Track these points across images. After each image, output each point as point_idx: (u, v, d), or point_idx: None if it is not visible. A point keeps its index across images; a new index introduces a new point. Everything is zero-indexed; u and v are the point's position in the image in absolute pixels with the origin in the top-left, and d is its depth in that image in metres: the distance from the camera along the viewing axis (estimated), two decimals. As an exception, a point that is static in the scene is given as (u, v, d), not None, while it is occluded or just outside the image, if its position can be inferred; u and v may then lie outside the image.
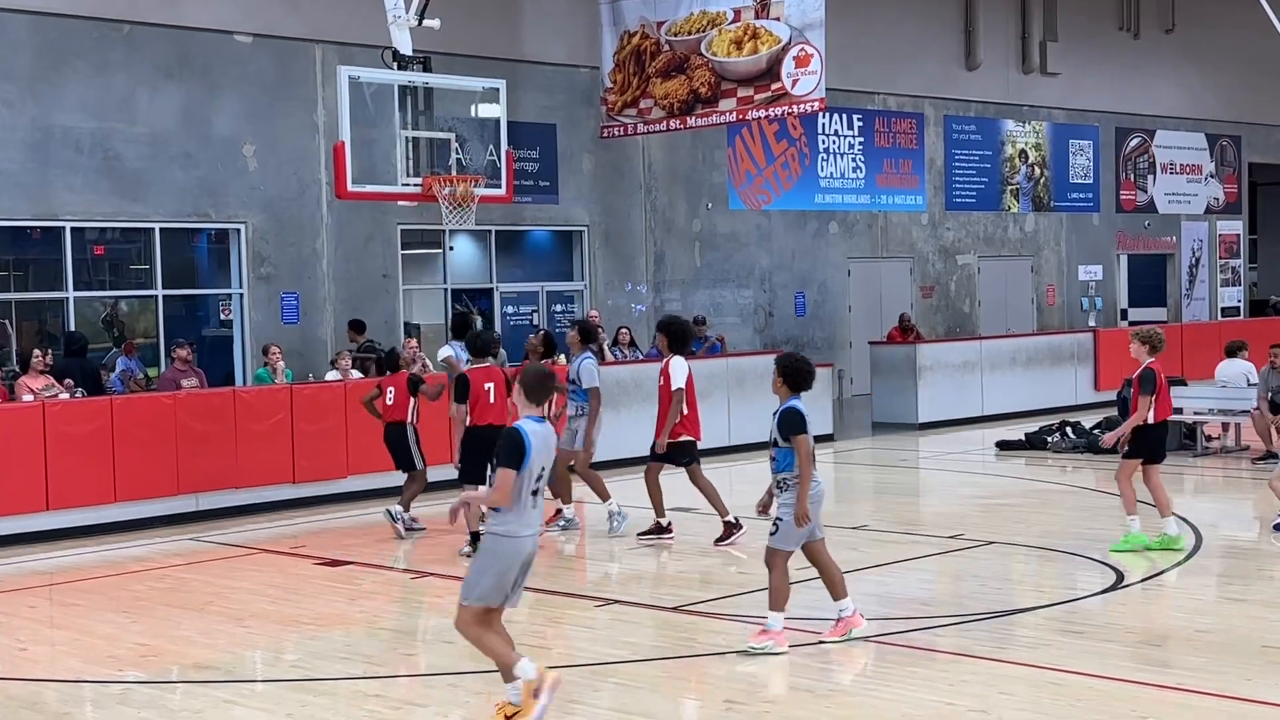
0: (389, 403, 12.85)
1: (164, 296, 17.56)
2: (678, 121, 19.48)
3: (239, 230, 17.81)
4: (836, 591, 8.36)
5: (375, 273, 18.93)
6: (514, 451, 6.48)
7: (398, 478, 15.13)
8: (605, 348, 18.55)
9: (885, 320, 24.07)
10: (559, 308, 21.40)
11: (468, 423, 11.29)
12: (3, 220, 16.27)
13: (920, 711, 6.96)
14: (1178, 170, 30.40)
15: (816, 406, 19.48)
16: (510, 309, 20.96)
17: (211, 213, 17.61)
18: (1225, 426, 16.90)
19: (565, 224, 21.16)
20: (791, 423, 8.09)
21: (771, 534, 8.21)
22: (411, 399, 12.78)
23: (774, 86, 18.21)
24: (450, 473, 12.13)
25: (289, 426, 14.24)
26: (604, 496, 12.26)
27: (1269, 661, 7.70)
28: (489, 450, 10.15)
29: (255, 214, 17.81)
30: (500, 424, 10.57)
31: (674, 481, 12.07)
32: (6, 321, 16.77)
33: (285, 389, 14.76)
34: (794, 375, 8.23)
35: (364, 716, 7.25)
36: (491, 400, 11.22)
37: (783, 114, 19.07)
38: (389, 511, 12.60)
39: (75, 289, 16.80)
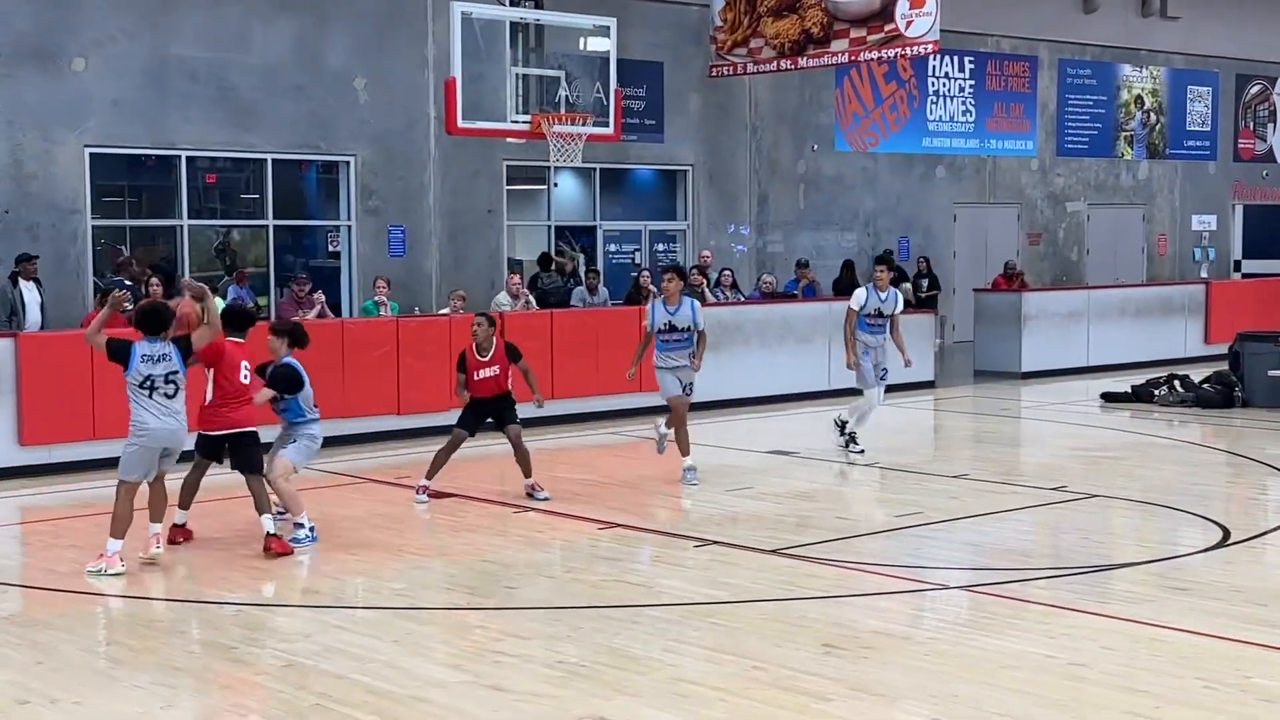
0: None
1: (274, 227, 17.85)
2: (788, 62, 19.30)
3: (348, 163, 18.02)
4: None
5: (480, 208, 19.06)
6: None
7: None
8: (707, 289, 18.55)
9: (991, 267, 23.77)
10: (661, 247, 21.42)
11: None
12: (120, 148, 16.61)
13: (1018, 663, 6.96)
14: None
15: (916, 349, 19.49)
16: (613, 247, 21.01)
17: (322, 145, 17.83)
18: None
19: (670, 163, 21.12)
20: None
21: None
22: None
23: (888, 28, 17.95)
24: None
25: (395, 359, 14.45)
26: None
27: (1378, 626, 7.58)
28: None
29: (364, 147, 18.00)
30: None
31: (785, 424, 12.09)
32: (122, 247, 17.17)
33: (391, 321, 14.97)
34: None
35: (467, 646, 7.40)
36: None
37: (895, 56, 18.81)
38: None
39: (189, 217, 17.14)
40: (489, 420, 11.45)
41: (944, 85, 23.80)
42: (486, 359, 11.34)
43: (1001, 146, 24.83)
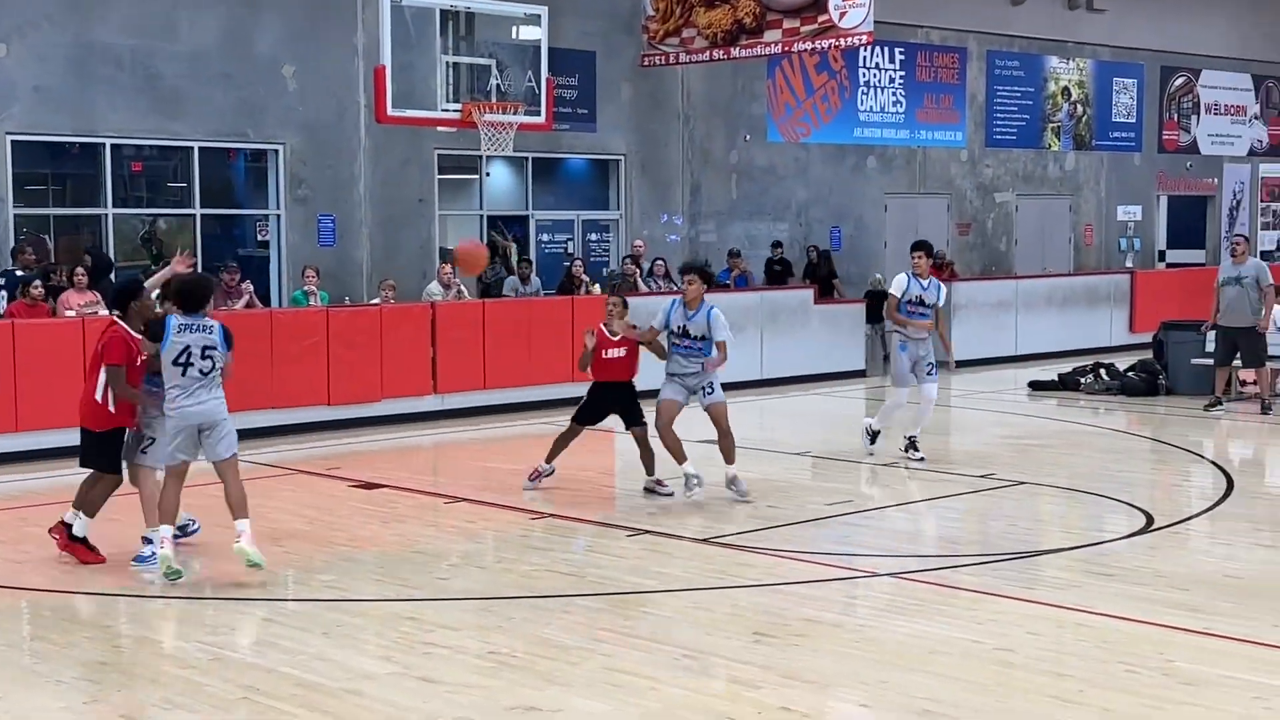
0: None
1: (201, 215, 17.63)
2: (721, 52, 19.32)
3: (277, 151, 17.83)
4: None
5: (411, 197, 18.94)
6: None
7: (427, 403, 15.32)
8: (640, 278, 18.57)
9: (921, 257, 23.92)
10: (594, 236, 21.38)
11: None
12: (44, 135, 16.33)
13: (947, 648, 7.03)
14: (1222, 111, 30.01)
15: (851, 342, 19.66)
16: (545, 236, 20.95)
17: (250, 133, 17.63)
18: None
19: (602, 152, 21.09)
20: None
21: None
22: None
23: (821, 19, 18.01)
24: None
25: (324, 349, 14.35)
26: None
27: (1296, 609, 7.73)
28: None
29: (293, 135, 17.82)
30: None
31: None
32: (45, 236, 16.89)
33: (321, 311, 14.86)
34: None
35: (397, 638, 7.37)
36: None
37: (829, 47, 18.88)
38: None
39: (114, 206, 16.89)
40: (611, 414, 11.30)
41: (875, 76, 23.94)
42: (617, 339, 11.19)
43: (931, 137, 25.02)
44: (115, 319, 9.00)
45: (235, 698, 6.38)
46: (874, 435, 13.03)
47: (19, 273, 14.69)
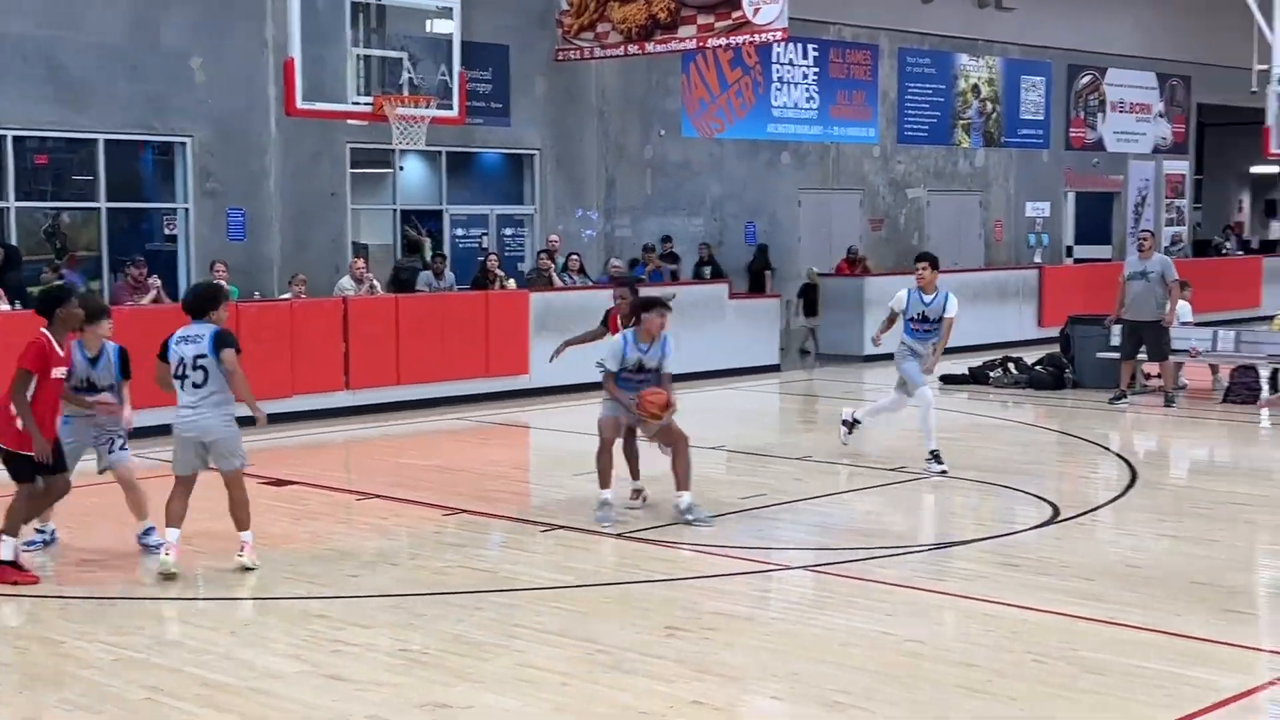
0: None
1: (107, 209, 17.31)
2: (635, 47, 19.32)
3: (185, 144, 17.55)
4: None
5: (323, 191, 18.74)
6: None
7: (339, 399, 15.18)
8: (555, 274, 18.52)
9: (834, 252, 24.13)
10: (509, 231, 21.30)
11: None
12: (-57, 128, 15.96)
13: (857, 639, 7.08)
14: (1127, 109, 30.55)
15: (764, 337, 19.75)
16: (460, 231, 20.83)
17: (157, 125, 17.34)
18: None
19: (517, 147, 21.01)
20: None
21: None
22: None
23: (735, 15, 18.06)
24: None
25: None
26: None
27: (1196, 597, 7.88)
28: None
29: (202, 128, 17.55)
30: None
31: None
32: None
33: (230, 306, 14.61)
34: None
35: (307, 636, 7.28)
36: None
37: (743, 43, 18.94)
38: None
39: (16, 199, 16.54)
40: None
41: (788, 72, 24.07)
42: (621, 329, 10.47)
43: (844, 133, 25.20)
44: (44, 327, 8.65)
45: (138, 698, 6.27)
46: (852, 426, 12.73)
47: None
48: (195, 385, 8.46)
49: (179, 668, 6.69)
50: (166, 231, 17.91)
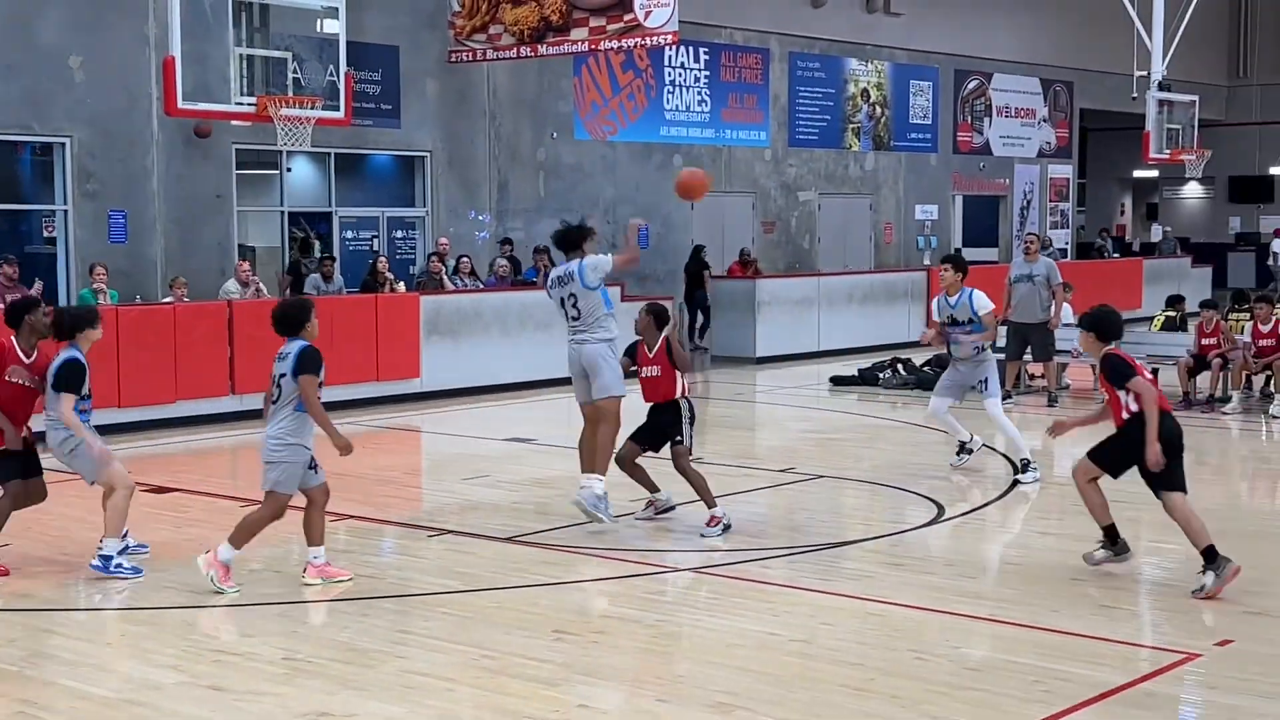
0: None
1: (-16, 211, 16.86)
2: (528, 49, 19.28)
3: (64, 144, 17.15)
4: None
5: (208, 193, 18.41)
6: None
7: (224, 404, 14.92)
8: (445, 277, 18.40)
9: (727, 255, 24.27)
10: (400, 234, 21.12)
11: None
12: None
13: (744, 641, 7.10)
14: (1013, 114, 31.11)
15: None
16: (350, 234, 20.60)
17: (35, 125, 16.93)
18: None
19: (407, 149, 20.83)
20: None
21: None
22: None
23: (626, 18, 18.10)
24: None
25: (114, 349, 13.82)
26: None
27: (1076, 594, 8.03)
28: None
29: (81, 128, 17.17)
30: None
31: (524, 411, 12.07)
32: None
33: (111, 310, 14.32)
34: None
35: (188, 646, 7.13)
36: None
37: (635, 45, 18.98)
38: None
39: (-113, 201, 16.06)
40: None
41: (680, 75, 24.15)
42: (650, 356, 9.71)
43: (736, 137, 25.35)
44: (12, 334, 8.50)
45: (9, 712, 6.10)
46: (962, 449, 12.08)
47: None
48: (273, 402, 8.24)
49: (53, 680, 6.53)
50: (45, 234, 17.49)
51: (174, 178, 17.98)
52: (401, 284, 18.20)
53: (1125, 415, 8.11)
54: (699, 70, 24.46)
